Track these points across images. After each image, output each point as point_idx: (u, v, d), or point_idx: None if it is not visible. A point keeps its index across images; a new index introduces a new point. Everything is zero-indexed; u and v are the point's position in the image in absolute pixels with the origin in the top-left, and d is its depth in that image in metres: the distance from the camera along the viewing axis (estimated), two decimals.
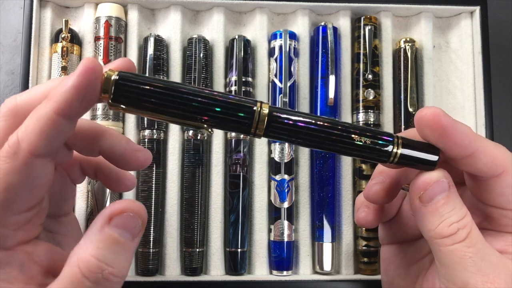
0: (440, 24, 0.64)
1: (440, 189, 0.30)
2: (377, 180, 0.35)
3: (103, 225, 0.26)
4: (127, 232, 0.26)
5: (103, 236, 0.26)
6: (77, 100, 0.26)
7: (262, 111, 0.28)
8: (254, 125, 0.28)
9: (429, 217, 0.30)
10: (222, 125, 0.28)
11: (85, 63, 0.26)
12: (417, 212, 0.31)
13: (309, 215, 0.58)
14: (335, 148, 0.30)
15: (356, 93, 0.60)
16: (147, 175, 0.56)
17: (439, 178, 0.30)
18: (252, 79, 0.59)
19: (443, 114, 0.29)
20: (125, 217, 0.27)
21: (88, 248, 0.25)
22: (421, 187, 0.30)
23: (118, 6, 0.59)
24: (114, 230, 0.26)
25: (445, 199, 0.30)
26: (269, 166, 0.58)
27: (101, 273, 0.25)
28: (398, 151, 0.30)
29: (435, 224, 0.30)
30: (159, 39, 0.58)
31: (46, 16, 0.58)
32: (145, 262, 0.55)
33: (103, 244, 0.26)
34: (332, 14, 0.62)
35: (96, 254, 0.25)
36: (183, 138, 0.58)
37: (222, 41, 0.60)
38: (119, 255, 0.26)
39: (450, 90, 0.62)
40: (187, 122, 0.28)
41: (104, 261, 0.25)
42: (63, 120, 0.26)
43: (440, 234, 0.29)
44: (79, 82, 0.26)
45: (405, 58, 0.60)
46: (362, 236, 0.57)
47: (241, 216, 0.57)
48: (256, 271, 0.57)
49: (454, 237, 0.29)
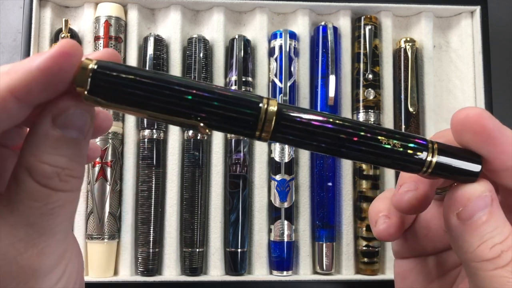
0: (441, 24, 0.64)
1: (482, 205, 0.25)
2: (409, 186, 0.29)
3: (47, 127, 0.22)
4: (76, 131, 0.23)
5: (49, 140, 0.22)
6: (38, 86, 0.22)
7: (269, 108, 0.23)
8: (260, 126, 0.23)
9: (467, 237, 0.25)
10: (220, 125, 0.23)
11: (61, 44, 0.21)
12: (453, 230, 0.26)
13: (309, 215, 0.58)
14: (356, 153, 0.25)
15: (356, 93, 0.60)
16: (147, 175, 0.56)
17: (482, 192, 0.25)
18: (252, 79, 0.59)
19: (489, 116, 0.25)
20: (70, 115, 0.23)
21: (36, 156, 0.22)
22: (461, 202, 0.25)
23: (118, 5, 0.58)
24: (61, 132, 0.23)
25: (487, 216, 0.25)
26: (269, 166, 0.58)
27: (58, 177, 0.22)
28: (434, 159, 0.25)
29: (474, 246, 0.25)
30: (159, 38, 0.58)
31: (46, 16, 0.58)
32: (145, 262, 0.55)
33: (52, 148, 0.22)
34: (332, 14, 0.62)
35: (47, 159, 0.22)
36: (183, 138, 0.58)
37: (222, 41, 0.60)
38: (72, 157, 0.23)
39: (451, 90, 0.62)
40: (178, 120, 0.23)
41: (58, 165, 0.22)
42: (15, 102, 0.22)
43: (480, 257, 0.25)
44: (47, 65, 0.21)
45: (406, 58, 0.60)
46: (362, 236, 0.57)
47: (241, 216, 0.57)
48: (256, 271, 0.57)
49: (496, 261, 0.25)
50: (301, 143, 0.24)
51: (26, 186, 0.22)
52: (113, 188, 0.56)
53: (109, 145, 0.56)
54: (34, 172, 0.22)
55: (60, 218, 0.23)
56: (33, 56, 0.22)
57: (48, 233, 0.23)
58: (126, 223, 0.56)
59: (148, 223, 0.56)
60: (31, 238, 0.22)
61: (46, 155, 0.22)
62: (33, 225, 0.22)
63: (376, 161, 0.25)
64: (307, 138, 0.24)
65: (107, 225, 0.55)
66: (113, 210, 0.55)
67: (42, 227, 0.22)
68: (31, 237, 0.22)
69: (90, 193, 0.55)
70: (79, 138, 0.23)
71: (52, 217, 0.23)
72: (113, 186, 0.56)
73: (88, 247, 0.55)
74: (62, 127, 0.23)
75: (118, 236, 0.56)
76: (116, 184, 0.56)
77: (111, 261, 0.55)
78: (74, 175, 0.23)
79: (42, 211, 0.22)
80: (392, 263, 0.57)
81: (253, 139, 0.24)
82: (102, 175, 0.55)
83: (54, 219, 0.23)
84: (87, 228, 0.55)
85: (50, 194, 0.22)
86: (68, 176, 0.23)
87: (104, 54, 0.24)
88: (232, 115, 0.23)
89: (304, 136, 0.24)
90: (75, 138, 0.23)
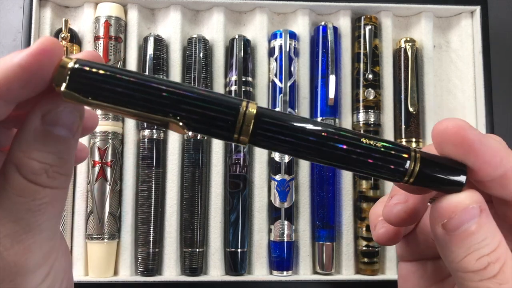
0: (441, 24, 0.64)
1: (469, 217, 0.24)
2: (399, 198, 0.29)
3: (37, 124, 0.22)
4: (65, 128, 0.23)
5: (39, 137, 0.22)
6: (18, 83, 0.21)
7: (248, 111, 0.22)
8: (238, 129, 0.22)
9: (453, 248, 0.24)
10: (198, 125, 0.23)
11: (42, 41, 0.21)
12: (439, 239, 0.25)
13: (309, 215, 0.58)
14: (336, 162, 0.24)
15: (356, 93, 0.60)
16: (147, 175, 0.56)
17: (468, 204, 0.24)
18: (252, 79, 0.59)
19: (469, 127, 0.24)
20: (60, 113, 0.23)
21: (25, 152, 0.22)
22: (445, 214, 0.24)
23: (118, 5, 0.58)
24: (50, 129, 0.23)
25: (475, 228, 0.24)
26: (269, 166, 0.58)
27: (46, 174, 0.22)
28: (416, 168, 0.24)
29: (460, 256, 0.24)
30: (159, 38, 0.58)
31: (46, 16, 0.58)
32: (145, 262, 0.55)
33: (41, 145, 0.22)
34: (332, 14, 0.62)
35: (36, 156, 0.22)
36: (183, 138, 0.58)
37: (222, 40, 0.60)
38: (60, 154, 0.23)
39: (451, 90, 0.62)
40: (156, 118, 0.23)
41: (47, 162, 0.22)
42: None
43: (465, 268, 0.24)
44: (27, 62, 0.21)
45: (406, 57, 0.60)
46: (362, 236, 0.57)
47: (241, 216, 0.57)
48: (256, 271, 0.57)
49: (482, 273, 0.24)
50: (280, 147, 0.23)
51: (13, 181, 0.22)
52: (113, 188, 0.56)
53: (109, 145, 0.56)
54: (22, 168, 0.22)
55: (47, 215, 0.23)
56: (13, 53, 0.22)
57: (35, 229, 0.22)
58: (126, 223, 0.56)
59: (148, 223, 0.56)
60: (18, 234, 0.22)
61: (34, 152, 0.22)
62: (20, 221, 0.22)
63: (356, 169, 0.24)
64: (285, 143, 0.23)
65: (107, 225, 0.55)
66: (113, 210, 0.55)
67: (29, 223, 0.22)
68: (17, 233, 0.22)
69: (90, 193, 0.55)
70: (68, 136, 0.23)
71: (39, 213, 0.22)
72: (113, 186, 0.56)
73: (88, 247, 0.55)
74: (51, 124, 0.23)
75: (118, 236, 0.56)
76: (116, 184, 0.56)
77: (111, 261, 0.55)
78: (61, 172, 0.23)
79: (29, 206, 0.22)
80: (392, 263, 0.57)
81: (231, 142, 0.23)
82: (102, 175, 0.55)
83: (41, 215, 0.23)
84: (87, 228, 0.55)
85: (37, 190, 0.22)
86: (56, 173, 0.23)
87: (85, 55, 0.24)
88: (210, 116, 0.22)
89: (282, 141, 0.23)
90: (63, 135, 0.23)
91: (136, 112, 0.23)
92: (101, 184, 0.55)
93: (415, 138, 0.58)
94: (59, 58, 0.22)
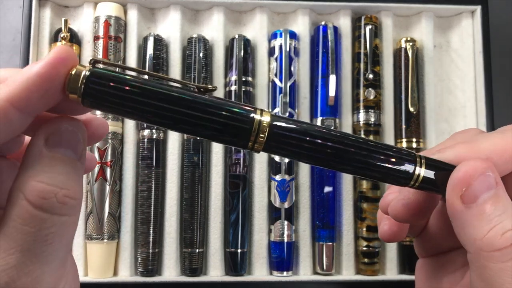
0: (441, 24, 0.63)
1: (486, 186, 0.24)
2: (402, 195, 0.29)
3: (41, 148, 0.22)
4: (69, 149, 0.23)
5: (44, 160, 0.22)
6: (38, 93, 0.22)
7: (263, 119, 0.23)
8: (253, 137, 0.23)
9: (474, 222, 0.24)
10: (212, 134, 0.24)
11: (57, 51, 0.22)
12: (458, 217, 0.25)
13: (309, 215, 0.58)
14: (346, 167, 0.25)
15: (356, 92, 0.60)
16: (146, 175, 0.56)
17: (484, 170, 0.24)
18: (252, 79, 0.59)
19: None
20: (62, 134, 0.23)
21: (31, 176, 0.22)
22: (463, 181, 0.24)
23: (118, 5, 0.58)
24: (54, 151, 0.22)
25: (494, 198, 0.24)
26: (269, 166, 0.58)
27: (55, 197, 0.22)
28: (421, 173, 0.25)
29: (483, 231, 0.24)
30: (159, 38, 0.58)
31: (45, 16, 0.58)
32: (145, 263, 0.55)
33: (48, 167, 0.22)
34: (332, 14, 0.62)
35: (43, 178, 0.22)
36: (182, 138, 0.58)
37: (222, 40, 0.60)
38: (68, 175, 0.23)
39: (451, 90, 0.62)
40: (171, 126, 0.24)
41: (55, 184, 0.22)
42: (16, 113, 0.22)
43: (491, 246, 0.23)
44: (46, 71, 0.21)
45: (406, 57, 0.60)
46: (362, 236, 0.57)
47: (241, 216, 0.57)
48: (256, 271, 0.57)
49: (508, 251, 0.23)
50: (293, 154, 0.25)
51: (20, 209, 0.21)
52: (113, 188, 0.55)
53: (108, 145, 0.55)
54: (30, 192, 0.22)
55: (56, 246, 0.22)
56: (30, 65, 0.22)
57: (42, 261, 0.22)
58: (125, 223, 0.56)
59: (147, 223, 0.55)
60: (25, 266, 0.21)
61: (42, 174, 0.22)
62: (26, 252, 0.21)
63: (365, 174, 0.26)
64: (299, 148, 0.24)
65: (106, 225, 0.55)
66: (112, 210, 0.55)
67: (36, 254, 0.21)
68: (24, 264, 0.21)
69: (90, 193, 0.55)
70: (73, 157, 0.23)
71: (46, 244, 0.22)
72: (112, 186, 0.55)
73: (88, 248, 0.55)
74: (55, 146, 0.23)
75: (117, 236, 0.56)
76: (115, 184, 0.56)
77: (111, 261, 0.55)
78: (71, 195, 0.22)
79: (35, 237, 0.21)
80: (392, 263, 0.57)
81: (245, 149, 0.25)
82: (101, 175, 0.55)
83: (48, 246, 0.22)
84: (86, 228, 0.55)
85: (44, 219, 0.22)
86: (66, 196, 0.22)
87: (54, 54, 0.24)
88: (225, 126, 0.23)
89: (295, 147, 0.24)
90: (69, 156, 0.23)
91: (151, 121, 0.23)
92: (100, 184, 0.55)
93: (415, 138, 0.58)
94: (74, 66, 0.22)
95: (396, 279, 0.56)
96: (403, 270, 0.58)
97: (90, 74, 0.22)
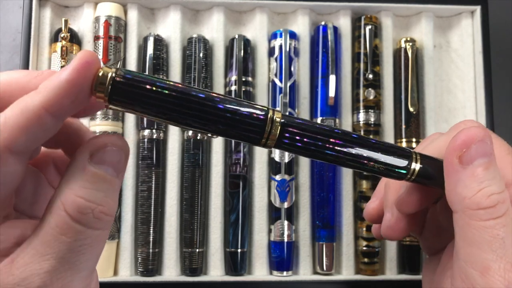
0: (441, 24, 0.63)
1: (483, 151, 0.27)
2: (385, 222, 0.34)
3: (85, 163, 0.24)
4: (111, 168, 0.24)
5: (87, 175, 0.24)
6: (69, 97, 0.23)
7: (275, 118, 0.26)
8: (266, 134, 0.26)
9: (466, 181, 0.26)
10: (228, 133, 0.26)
11: (83, 55, 0.23)
12: (453, 175, 0.27)
13: (309, 215, 0.58)
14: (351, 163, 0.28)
15: (356, 92, 0.60)
16: (146, 175, 0.56)
17: (484, 137, 0.27)
18: (252, 79, 0.59)
19: None
20: (107, 152, 0.24)
21: (73, 190, 0.23)
22: (464, 143, 0.27)
23: (118, 5, 0.58)
24: (97, 167, 0.24)
25: (487, 164, 0.27)
26: (269, 166, 0.58)
27: (92, 213, 0.23)
28: (417, 167, 0.28)
29: (473, 191, 0.26)
30: (159, 38, 0.58)
31: (46, 16, 0.58)
32: (145, 263, 0.55)
33: (89, 183, 0.24)
34: (332, 14, 0.62)
35: (83, 194, 0.23)
36: (183, 138, 0.58)
37: (222, 40, 0.60)
38: (106, 193, 0.24)
39: (451, 90, 0.62)
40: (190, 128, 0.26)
41: (93, 201, 0.23)
42: (50, 118, 0.23)
43: (477, 204, 0.26)
44: (74, 77, 0.23)
45: (406, 57, 0.60)
46: (362, 236, 0.57)
47: (241, 216, 0.57)
48: (256, 271, 0.57)
49: (491, 211, 0.26)
50: (301, 150, 0.27)
51: (59, 219, 0.23)
52: None
53: None
54: (69, 206, 0.23)
55: (87, 256, 0.24)
56: (58, 72, 0.23)
57: (74, 269, 0.23)
58: (126, 223, 0.56)
59: (148, 223, 0.56)
60: (58, 272, 0.23)
61: (82, 190, 0.23)
62: (61, 259, 0.23)
63: (366, 169, 0.28)
64: (308, 145, 0.27)
65: None
66: None
67: (69, 262, 0.23)
68: (57, 270, 0.23)
69: None
70: (113, 175, 0.25)
71: (79, 254, 0.23)
72: None
73: None
74: (99, 163, 0.24)
75: (118, 236, 0.56)
76: None
77: (111, 261, 0.55)
78: (107, 212, 0.24)
79: (70, 247, 0.23)
80: (392, 263, 0.57)
81: (259, 146, 0.27)
82: None
83: (81, 256, 0.23)
84: None
85: (80, 231, 0.23)
86: (102, 213, 0.24)
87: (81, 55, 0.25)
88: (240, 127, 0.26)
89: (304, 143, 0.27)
90: (110, 174, 0.24)
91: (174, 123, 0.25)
92: None
93: (415, 138, 0.58)
94: (98, 69, 0.24)
95: (396, 279, 0.57)
96: (403, 270, 0.58)
97: (117, 75, 0.24)
